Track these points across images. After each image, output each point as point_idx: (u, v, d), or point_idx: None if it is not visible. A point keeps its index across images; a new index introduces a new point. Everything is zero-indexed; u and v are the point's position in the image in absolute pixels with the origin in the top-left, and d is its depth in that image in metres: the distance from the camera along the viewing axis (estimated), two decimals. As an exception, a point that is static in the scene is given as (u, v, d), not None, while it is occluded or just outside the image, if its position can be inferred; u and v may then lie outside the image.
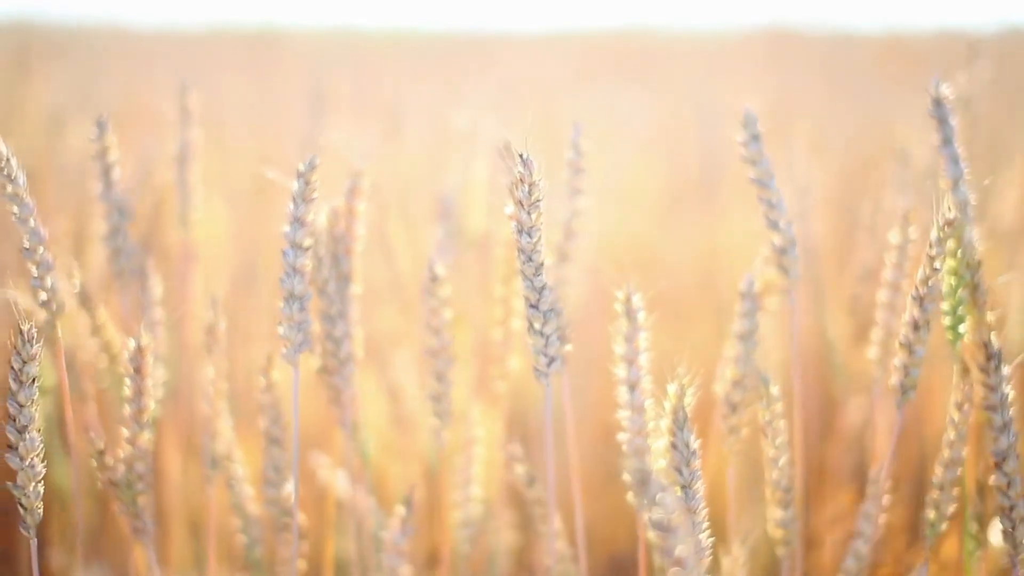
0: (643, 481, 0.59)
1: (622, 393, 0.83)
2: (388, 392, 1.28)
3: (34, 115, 2.01)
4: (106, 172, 1.04)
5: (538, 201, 0.78)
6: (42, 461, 0.75)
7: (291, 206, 0.85)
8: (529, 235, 0.79)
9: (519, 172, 0.78)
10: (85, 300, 1.04)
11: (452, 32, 5.19)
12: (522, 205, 0.78)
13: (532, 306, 0.81)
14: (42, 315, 0.88)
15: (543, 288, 0.81)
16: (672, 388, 0.79)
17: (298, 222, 0.85)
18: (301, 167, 0.85)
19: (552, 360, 0.82)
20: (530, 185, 0.78)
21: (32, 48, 2.99)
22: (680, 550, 0.59)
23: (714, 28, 5.04)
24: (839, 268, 1.59)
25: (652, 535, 0.60)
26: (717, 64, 3.71)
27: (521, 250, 0.79)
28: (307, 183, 0.85)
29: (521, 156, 0.77)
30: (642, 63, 3.84)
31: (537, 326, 0.81)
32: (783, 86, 2.76)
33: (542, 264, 0.80)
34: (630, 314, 0.82)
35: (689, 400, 0.79)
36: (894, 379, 0.86)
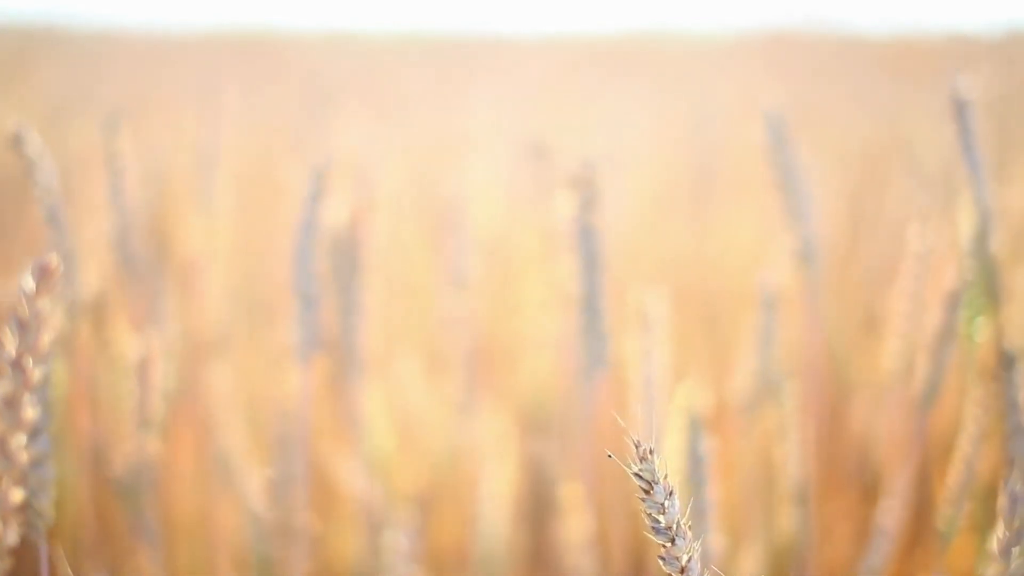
0: (650, 485, 0.59)
1: (634, 394, 0.82)
2: (398, 393, 1.28)
3: (28, 116, 2.00)
4: (116, 176, 1.04)
5: (596, 200, 0.78)
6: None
7: (302, 208, 0.85)
8: (587, 235, 0.78)
9: (580, 172, 0.77)
10: (98, 307, 1.03)
11: (452, 35, 5.18)
12: (580, 205, 0.78)
13: (587, 307, 0.81)
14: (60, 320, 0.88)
15: (600, 291, 0.80)
16: (685, 389, 0.78)
17: (309, 224, 0.85)
18: (312, 168, 0.85)
19: (599, 361, 0.82)
20: (589, 184, 0.77)
21: (29, 51, 2.98)
22: (686, 560, 0.58)
23: (721, 30, 5.03)
24: (846, 271, 1.58)
25: (655, 540, 0.59)
26: (724, 66, 3.71)
27: (578, 251, 0.79)
28: (318, 184, 0.85)
29: (583, 158, 0.77)
30: (648, 66, 3.84)
31: (591, 327, 0.81)
32: (790, 88, 2.75)
33: (601, 265, 0.79)
34: (642, 315, 0.82)
35: (703, 401, 0.78)
36: (917, 385, 0.85)
